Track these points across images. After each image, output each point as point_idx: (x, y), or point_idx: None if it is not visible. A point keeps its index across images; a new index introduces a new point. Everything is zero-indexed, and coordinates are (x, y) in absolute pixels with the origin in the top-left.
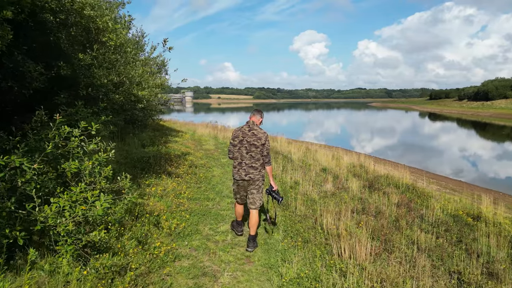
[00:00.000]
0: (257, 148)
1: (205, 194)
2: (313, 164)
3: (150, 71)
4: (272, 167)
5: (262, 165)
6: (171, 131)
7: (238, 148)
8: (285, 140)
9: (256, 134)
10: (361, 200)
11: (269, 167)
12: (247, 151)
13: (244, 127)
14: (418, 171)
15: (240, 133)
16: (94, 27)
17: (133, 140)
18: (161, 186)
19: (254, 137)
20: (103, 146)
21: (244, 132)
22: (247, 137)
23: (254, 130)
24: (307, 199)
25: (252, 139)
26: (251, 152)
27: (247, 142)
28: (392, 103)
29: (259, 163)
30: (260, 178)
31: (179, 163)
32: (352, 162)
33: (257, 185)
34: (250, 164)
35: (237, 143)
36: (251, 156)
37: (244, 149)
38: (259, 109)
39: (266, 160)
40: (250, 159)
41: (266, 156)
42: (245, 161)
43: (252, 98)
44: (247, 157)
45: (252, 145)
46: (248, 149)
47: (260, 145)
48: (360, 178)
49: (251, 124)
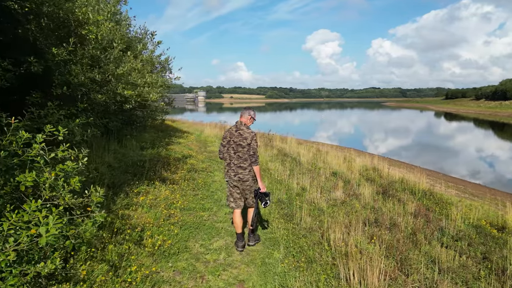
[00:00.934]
0: (243, 148)
1: (201, 203)
2: (323, 167)
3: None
4: (278, 171)
5: (250, 165)
6: (176, 131)
7: (226, 148)
8: (295, 140)
9: (242, 134)
10: (374, 209)
11: (256, 167)
12: (234, 151)
13: (232, 128)
14: (434, 174)
15: (228, 134)
16: (73, 18)
17: (130, 142)
18: (152, 195)
19: (240, 137)
20: (74, 153)
21: (231, 133)
22: (233, 138)
23: (240, 130)
24: (314, 208)
25: (238, 139)
26: (238, 152)
27: (234, 142)
28: (407, 103)
29: (247, 163)
30: (250, 178)
31: (177, 168)
32: (365, 164)
33: (248, 185)
34: (238, 164)
35: (225, 144)
36: (238, 156)
37: (232, 149)
38: (249, 107)
39: (252, 159)
40: (238, 159)
41: (252, 156)
42: (233, 161)
43: (264, 98)
44: (235, 157)
45: (239, 145)
46: (236, 150)
47: (246, 145)
48: (373, 183)
49: (238, 125)
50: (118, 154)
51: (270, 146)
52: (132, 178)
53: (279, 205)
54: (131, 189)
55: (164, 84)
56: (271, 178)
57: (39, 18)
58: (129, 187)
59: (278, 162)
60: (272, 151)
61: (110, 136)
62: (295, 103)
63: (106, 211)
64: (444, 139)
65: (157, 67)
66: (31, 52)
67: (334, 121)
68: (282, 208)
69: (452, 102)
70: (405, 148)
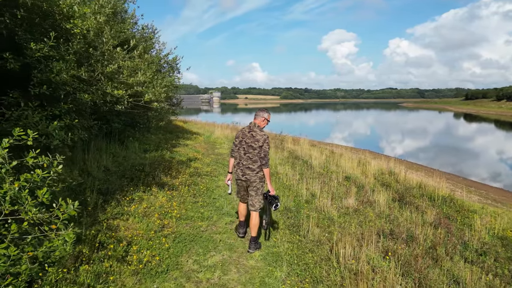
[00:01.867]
0: (254, 150)
1: (200, 211)
2: (335, 171)
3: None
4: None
5: (260, 167)
6: (185, 133)
7: (238, 148)
8: (308, 142)
9: (254, 136)
10: (390, 218)
11: (266, 170)
12: (244, 152)
13: (245, 128)
14: (454, 177)
15: (240, 134)
16: (57, 11)
17: (133, 145)
18: (146, 202)
19: (252, 139)
20: (47, 160)
21: (244, 133)
22: (246, 138)
23: (253, 132)
24: (324, 217)
25: (250, 141)
26: (249, 153)
27: (245, 143)
28: (425, 104)
29: (257, 165)
30: (257, 180)
31: (179, 172)
32: (380, 168)
33: (255, 187)
34: (247, 165)
35: (237, 143)
36: (248, 157)
37: (243, 150)
38: (264, 108)
39: (263, 162)
40: (247, 160)
41: (263, 158)
42: (243, 161)
43: (279, 98)
44: (244, 158)
45: (250, 146)
46: (246, 150)
47: (257, 147)
48: (389, 188)
49: (252, 126)
50: (118, 157)
51: (281, 148)
52: (129, 183)
53: (285, 214)
54: (124, 196)
55: (171, 84)
56: (279, 183)
57: (15, 9)
58: (123, 194)
59: (288, 165)
60: (282, 153)
61: (111, 138)
62: (310, 104)
63: (92, 221)
64: (463, 141)
65: (164, 66)
66: (7, 48)
67: (349, 122)
68: (288, 217)
69: (472, 103)
70: (422, 150)
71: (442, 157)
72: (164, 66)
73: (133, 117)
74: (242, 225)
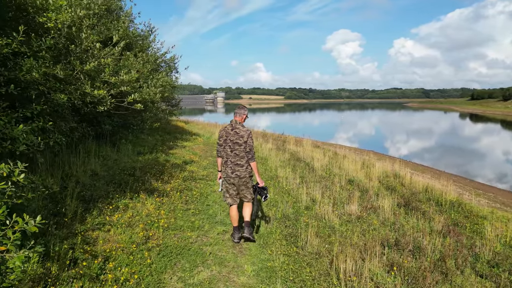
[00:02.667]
0: (240, 146)
1: (191, 220)
2: (338, 174)
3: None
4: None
5: (247, 162)
6: (184, 134)
7: (223, 147)
8: (310, 143)
9: (238, 133)
10: (395, 226)
11: (253, 163)
12: (231, 150)
13: (227, 127)
14: (461, 179)
15: (224, 133)
16: (30, 3)
17: (126, 147)
18: (132, 211)
19: (236, 136)
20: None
21: (228, 132)
22: (230, 136)
23: (236, 129)
24: (325, 225)
25: (235, 138)
26: (235, 150)
27: (230, 141)
28: (430, 104)
29: (244, 160)
30: (246, 175)
31: (172, 176)
32: (385, 170)
33: (244, 181)
34: (235, 162)
35: (222, 143)
36: (235, 154)
37: (229, 148)
38: (241, 105)
39: (249, 156)
40: (234, 157)
41: (249, 153)
42: (230, 159)
43: (283, 99)
44: (231, 155)
45: (236, 143)
46: (232, 148)
47: (242, 142)
48: (394, 192)
49: (234, 123)
50: (108, 161)
51: (283, 150)
52: (116, 189)
53: (283, 222)
54: (109, 203)
55: (168, 84)
56: (278, 187)
57: None
58: (107, 201)
59: (289, 168)
60: (284, 155)
61: (102, 140)
62: (314, 104)
63: (67, 234)
64: (469, 141)
65: (162, 66)
66: None
67: (353, 123)
68: (286, 226)
69: (478, 103)
70: (428, 151)
71: (448, 158)
72: (162, 65)
73: (126, 118)
74: (237, 231)
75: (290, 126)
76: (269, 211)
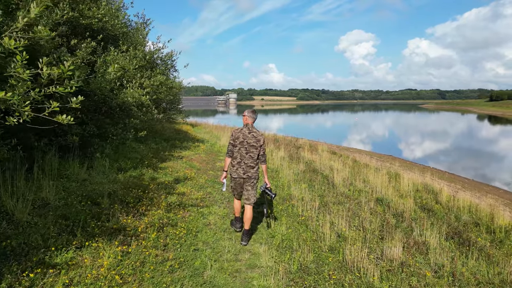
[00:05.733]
0: (256, 149)
1: (163, 282)
2: (363, 190)
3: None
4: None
5: (257, 164)
6: (185, 140)
7: (238, 148)
8: (327, 149)
9: (255, 136)
10: (454, 278)
11: (264, 166)
12: (246, 152)
13: (244, 129)
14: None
15: (240, 135)
16: None
17: (101, 162)
18: (72, 273)
19: (253, 139)
20: None
21: (245, 134)
22: (247, 139)
23: (253, 133)
24: (359, 282)
25: (252, 141)
26: (250, 152)
27: (247, 143)
28: (446, 105)
29: (256, 163)
30: (256, 176)
31: (152, 203)
32: (414, 181)
33: (252, 182)
34: (249, 163)
35: (237, 144)
36: (250, 156)
37: (244, 149)
38: (252, 109)
39: (262, 159)
40: (249, 159)
41: (263, 155)
42: (244, 160)
43: (295, 100)
44: (246, 157)
45: (252, 146)
46: (248, 150)
47: (258, 146)
48: (433, 215)
49: (250, 127)
50: (72, 183)
51: (297, 159)
52: (62, 232)
53: (301, 276)
54: (40, 261)
55: (162, 84)
56: (292, 215)
57: None
58: (38, 256)
59: (304, 184)
60: (298, 166)
61: (69, 155)
62: (327, 105)
63: None
64: (498, 146)
65: (157, 63)
66: None
67: (369, 124)
68: (305, 285)
69: (497, 104)
70: (451, 155)
71: (478, 165)
72: (158, 62)
73: (103, 126)
74: (238, 220)
75: (303, 128)
76: (282, 257)
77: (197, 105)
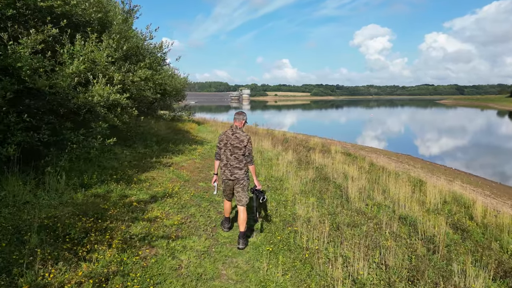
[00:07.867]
0: (240, 150)
1: None
2: (383, 204)
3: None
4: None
5: (246, 165)
6: (182, 142)
7: (223, 150)
8: (340, 150)
9: (238, 137)
10: None
11: (251, 166)
12: (231, 153)
13: (228, 131)
14: None
15: (224, 137)
16: None
17: (55, 178)
18: None
19: (237, 140)
20: None
21: (228, 136)
22: (230, 140)
23: (236, 134)
24: None
25: (235, 142)
26: (235, 154)
27: (230, 145)
28: (465, 101)
29: (243, 164)
30: (245, 177)
31: (101, 241)
32: (441, 189)
33: (242, 184)
34: (234, 165)
35: (222, 146)
36: (235, 157)
37: (229, 151)
38: (240, 111)
39: (248, 160)
40: (234, 160)
41: (248, 156)
42: (230, 162)
43: (309, 95)
44: (231, 159)
45: (236, 147)
46: (232, 151)
47: (242, 147)
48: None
49: (234, 128)
50: (6, 208)
51: (306, 163)
52: None
53: None
54: None
55: (149, 79)
56: (294, 247)
57: None
58: None
59: (313, 196)
60: (307, 172)
61: (9, 168)
62: (342, 101)
63: None
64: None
65: (144, 55)
66: None
67: (384, 121)
68: None
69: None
70: (473, 155)
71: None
72: (144, 54)
73: (59, 131)
74: (227, 221)
75: (316, 125)
76: None
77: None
